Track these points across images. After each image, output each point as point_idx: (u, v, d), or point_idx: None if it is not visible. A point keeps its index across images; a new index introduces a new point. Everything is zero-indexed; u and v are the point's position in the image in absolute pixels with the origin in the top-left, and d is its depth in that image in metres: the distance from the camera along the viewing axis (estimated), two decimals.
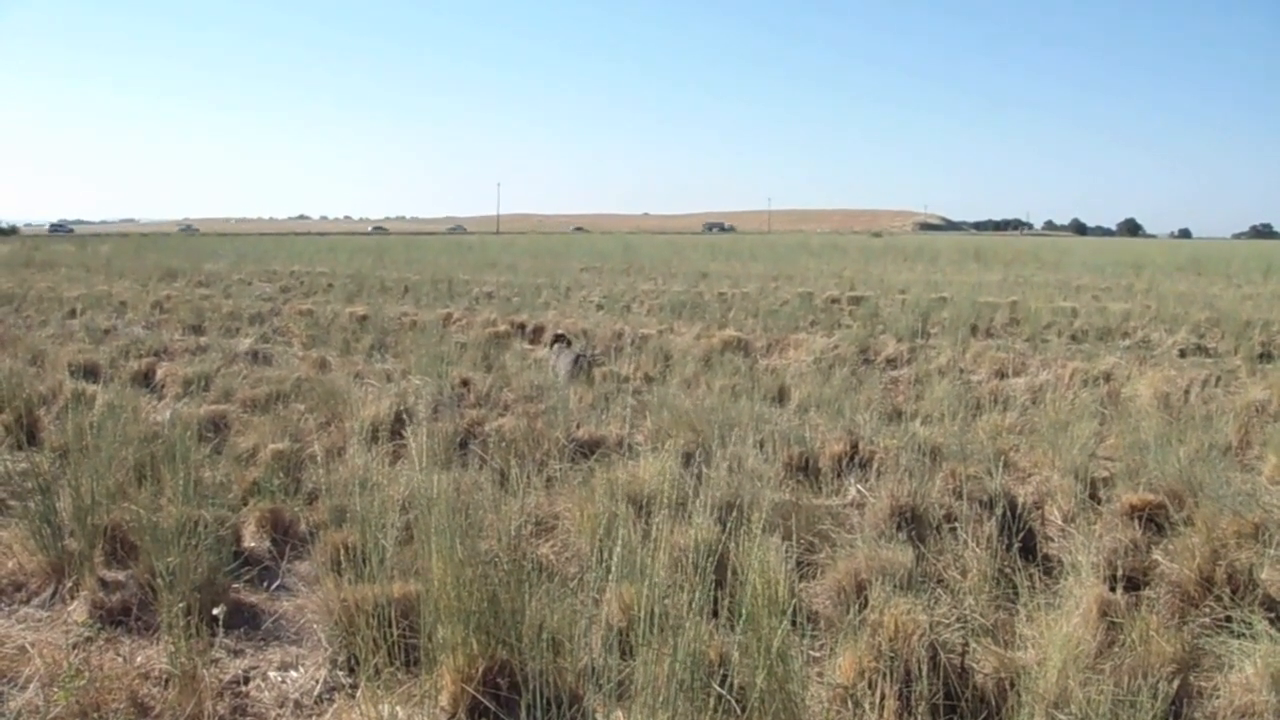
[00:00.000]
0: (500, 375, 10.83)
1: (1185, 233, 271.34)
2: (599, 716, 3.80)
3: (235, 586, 5.28)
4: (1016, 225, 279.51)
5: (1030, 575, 5.03)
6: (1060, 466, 7.06)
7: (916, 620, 4.31)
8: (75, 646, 4.55)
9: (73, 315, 18.00)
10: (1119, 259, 45.43)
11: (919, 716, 3.92)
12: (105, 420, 6.84)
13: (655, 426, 8.15)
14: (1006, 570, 5.12)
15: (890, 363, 13.35)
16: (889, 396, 10.58)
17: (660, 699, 3.42)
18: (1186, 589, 5.20)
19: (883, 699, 3.83)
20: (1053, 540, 6.12)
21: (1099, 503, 6.52)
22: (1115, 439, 8.11)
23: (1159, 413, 9.15)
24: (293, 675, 4.46)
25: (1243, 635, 4.57)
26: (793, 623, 4.10)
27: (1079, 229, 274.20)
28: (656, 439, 7.75)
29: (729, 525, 4.84)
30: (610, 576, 4.34)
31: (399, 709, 3.90)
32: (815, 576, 5.48)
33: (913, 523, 6.00)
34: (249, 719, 4.12)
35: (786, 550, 5.30)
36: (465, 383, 10.39)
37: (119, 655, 4.48)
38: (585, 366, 10.99)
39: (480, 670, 4.01)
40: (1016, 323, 17.47)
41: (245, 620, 5.03)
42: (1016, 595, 4.81)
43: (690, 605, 3.65)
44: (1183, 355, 13.99)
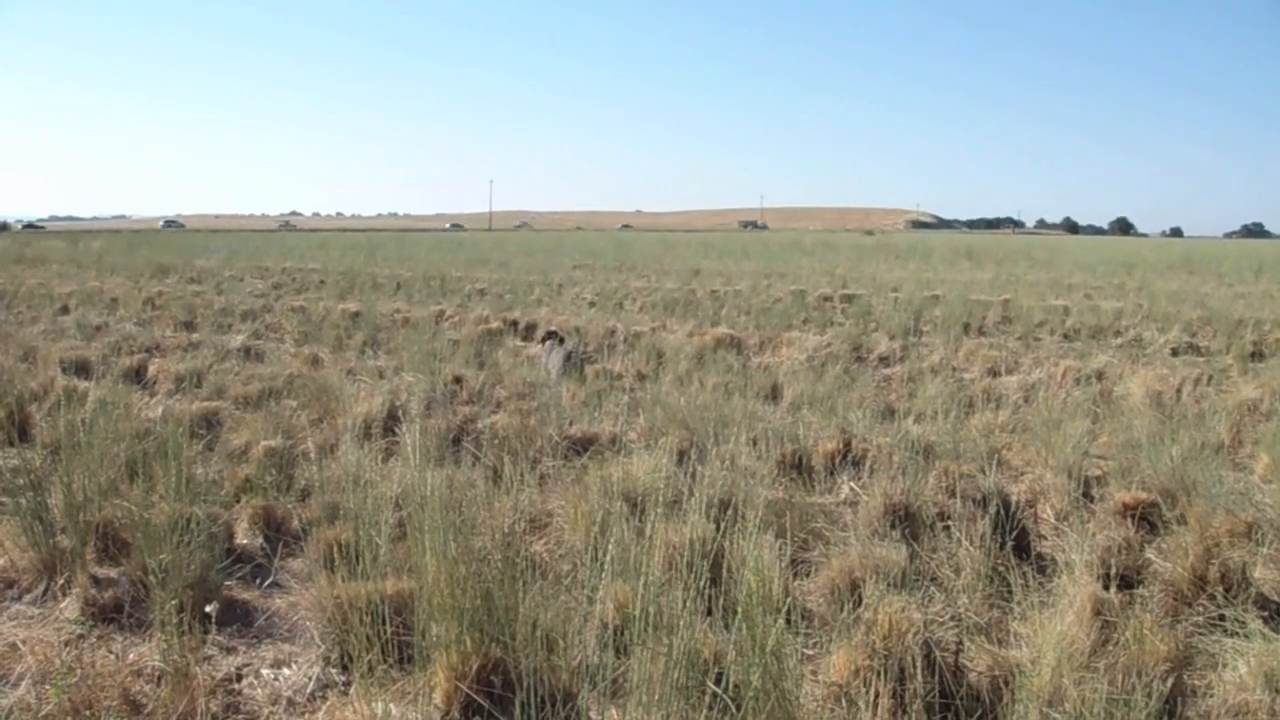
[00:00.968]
0: (493, 372, 10.81)
1: (1177, 231, 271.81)
2: (593, 715, 3.80)
3: (228, 584, 5.26)
4: (1009, 224, 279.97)
5: (1024, 573, 5.04)
6: (1053, 465, 7.07)
7: (910, 618, 4.31)
8: (67, 644, 4.54)
9: (64, 312, 17.95)
10: (1111, 257, 45.51)
11: (913, 715, 3.92)
12: (97, 417, 6.81)
13: (648, 424, 8.15)
14: (1000, 568, 5.12)
15: (883, 361, 13.35)
16: (882, 394, 10.59)
17: (655, 697, 3.41)
18: (1180, 587, 5.21)
19: (877, 697, 3.83)
20: (1046, 538, 6.12)
21: (1092, 501, 6.53)
22: (1108, 437, 8.12)
23: (1151, 411, 9.17)
24: (285, 673, 4.45)
25: (1236, 634, 4.57)
26: (787, 621, 4.10)
27: (1071, 227, 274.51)
28: (650, 436, 7.75)
29: (723, 523, 4.84)
30: (604, 574, 4.33)
31: (392, 707, 3.89)
32: (809, 574, 5.48)
33: (906, 521, 6.00)
34: (242, 716, 4.11)
35: (780, 548, 5.31)
36: (458, 380, 10.38)
37: (111, 652, 4.46)
38: (578, 363, 10.99)
39: (474, 668, 4.00)
40: (1009, 321, 17.49)
41: (238, 617, 5.01)
42: (1010, 594, 4.81)
43: (684, 603, 3.65)
44: (1175, 354, 14.02)
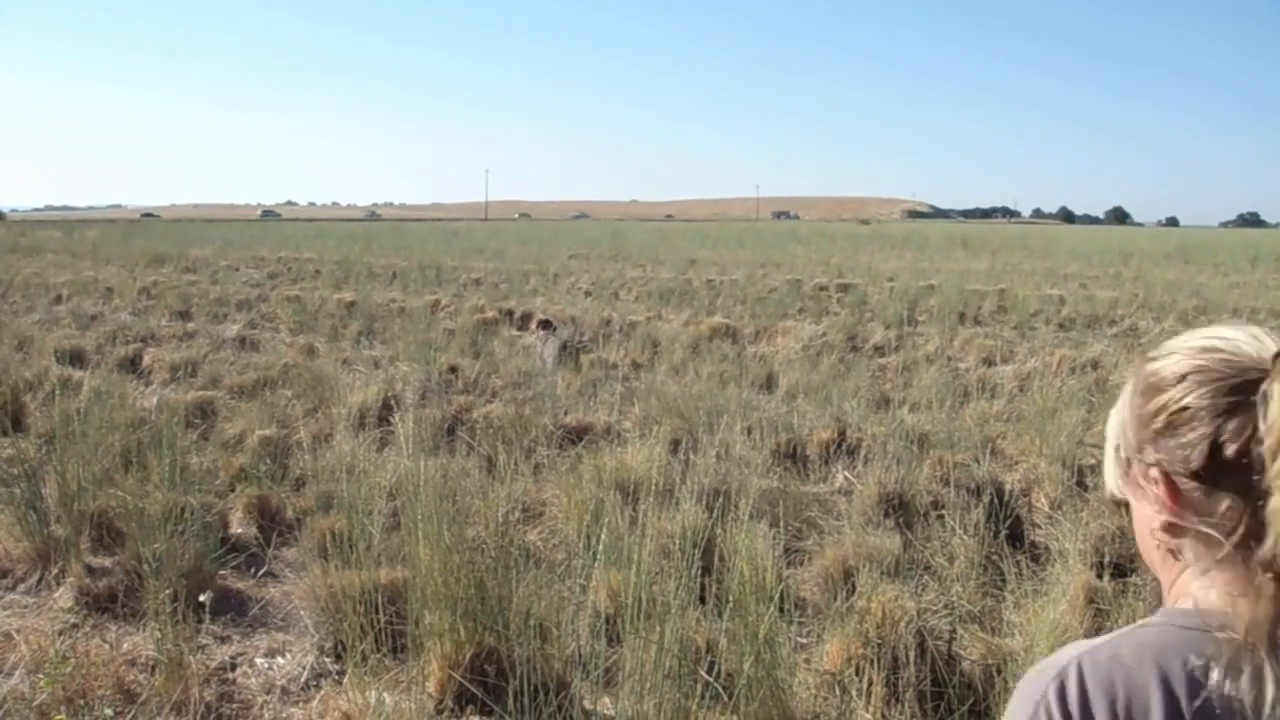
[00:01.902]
0: (488, 362, 10.81)
1: (1173, 221, 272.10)
2: (586, 703, 3.80)
3: (222, 573, 5.26)
4: (1004, 213, 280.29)
5: (1017, 562, 5.04)
6: (1048, 454, 7.08)
7: (904, 607, 4.32)
8: (61, 633, 4.54)
9: (59, 301, 17.91)
10: (1106, 247, 45.53)
11: (906, 703, 3.93)
12: (92, 406, 6.81)
13: (643, 413, 8.15)
14: (994, 557, 5.13)
15: (878, 350, 13.35)
16: (877, 384, 10.58)
17: (647, 685, 3.42)
18: None
19: (870, 685, 3.84)
20: (1040, 527, 6.13)
21: (1086, 490, 6.53)
22: (1102, 426, 8.11)
23: None
24: (280, 662, 4.45)
25: None
26: (780, 609, 4.10)
27: (1067, 217, 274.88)
28: (644, 426, 7.75)
29: (717, 512, 4.84)
30: (597, 563, 4.34)
31: (386, 695, 3.89)
32: (803, 563, 5.48)
33: (900, 510, 6.01)
34: (236, 705, 4.11)
35: (774, 537, 5.31)
36: (453, 369, 10.38)
37: (105, 642, 4.46)
38: (573, 353, 10.98)
39: (467, 657, 4.01)
40: (1004, 310, 17.51)
41: (232, 607, 5.02)
42: (1004, 582, 4.81)
43: (677, 592, 3.65)
44: None
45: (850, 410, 8.27)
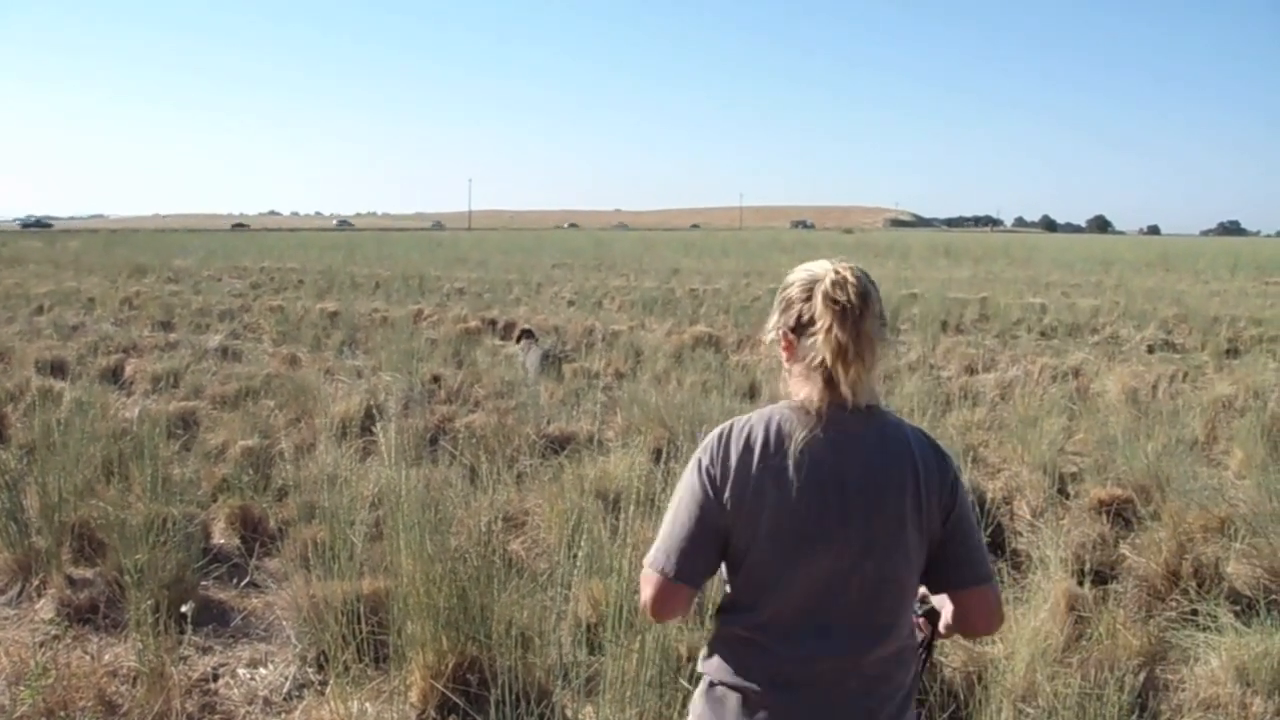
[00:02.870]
0: (471, 371, 10.81)
1: (1154, 229, 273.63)
2: (568, 712, 3.80)
3: (204, 584, 5.25)
4: (987, 222, 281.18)
5: (999, 570, 5.07)
6: (1029, 462, 7.12)
7: None
8: (42, 644, 4.52)
9: (40, 312, 17.82)
10: (1088, 255, 45.77)
11: None
12: (73, 417, 6.78)
13: (625, 422, 8.16)
14: None
15: None
16: None
17: (629, 694, 3.43)
18: (1153, 583, 5.25)
19: None
20: (1021, 535, 6.15)
21: (1067, 497, 6.57)
22: (1084, 434, 8.17)
23: (1127, 408, 9.23)
24: (262, 672, 4.44)
25: (1208, 629, 4.62)
26: None
27: (1049, 225, 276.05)
28: (627, 435, 7.76)
29: None
30: (579, 572, 4.34)
31: (368, 705, 3.89)
32: None
33: None
34: (218, 716, 4.10)
35: None
36: (436, 379, 10.38)
37: (86, 653, 4.45)
38: (555, 362, 10.98)
39: (450, 666, 4.01)
40: (986, 319, 17.58)
41: (214, 617, 5.00)
42: None
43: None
44: (1151, 351, 14.12)
45: None
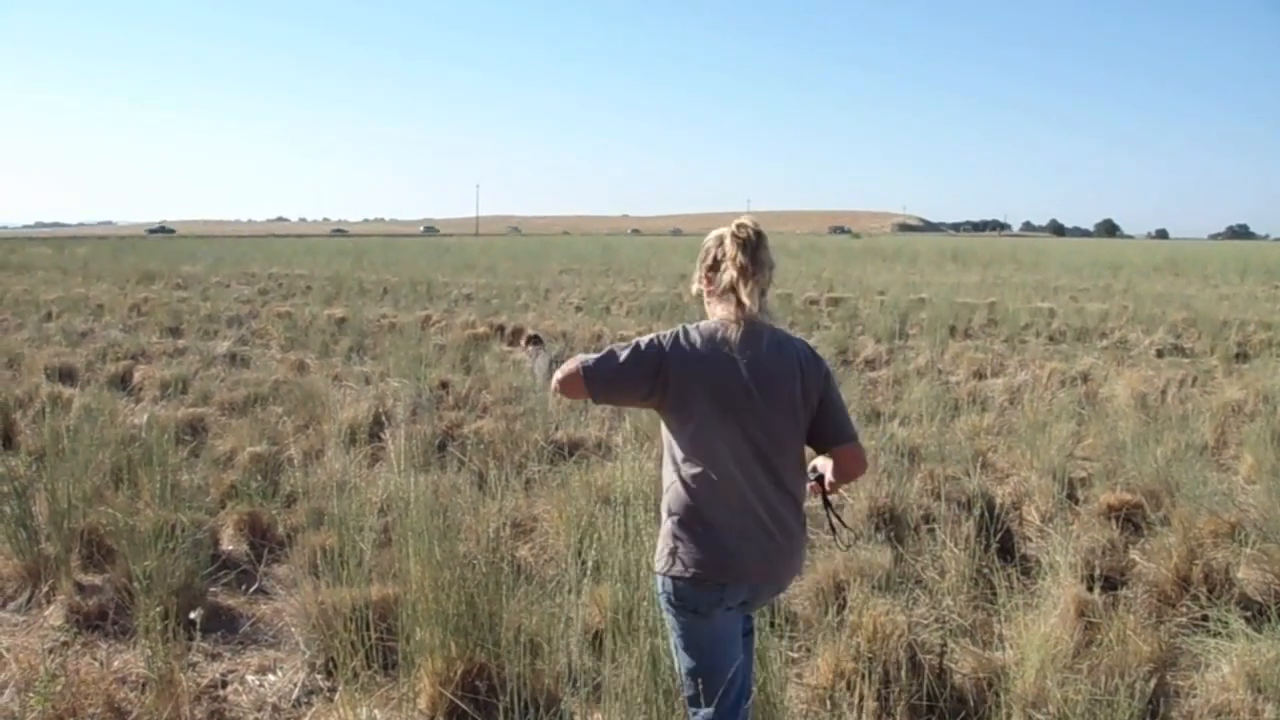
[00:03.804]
0: (479, 377, 10.81)
1: (1163, 233, 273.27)
2: (577, 718, 3.80)
3: (213, 590, 5.25)
4: (995, 226, 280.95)
5: (1008, 575, 5.05)
6: (1038, 467, 7.10)
7: (895, 621, 4.33)
8: (51, 651, 4.52)
9: (49, 318, 17.85)
10: (1097, 260, 45.68)
11: (897, 717, 3.94)
12: (82, 423, 6.80)
13: (634, 428, 8.15)
14: (985, 570, 5.13)
15: (869, 364, 13.37)
16: (868, 397, 10.60)
17: (638, 700, 3.42)
18: (1164, 588, 5.23)
19: (861, 700, 3.84)
20: (1031, 540, 6.14)
21: (1077, 503, 6.56)
22: (1093, 439, 8.15)
23: (1136, 413, 9.20)
24: (270, 679, 4.44)
25: (1219, 634, 4.60)
26: (771, 624, 4.11)
27: (1057, 230, 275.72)
28: (635, 441, 7.74)
29: None
30: (587, 578, 4.34)
31: (377, 712, 3.89)
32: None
33: (891, 523, 6.02)
34: None
35: None
36: (444, 385, 10.38)
37: (96, 659, 4.45)
38: None
39: (458, 673, 4.01)
40: (995, 323, 17.54)
41: (223, 624, 5.01)
42: (995, 595, 4.83)
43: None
44: (1160, 355, 14.07)
45: None
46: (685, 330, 2.95)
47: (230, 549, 5.96)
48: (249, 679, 4.45)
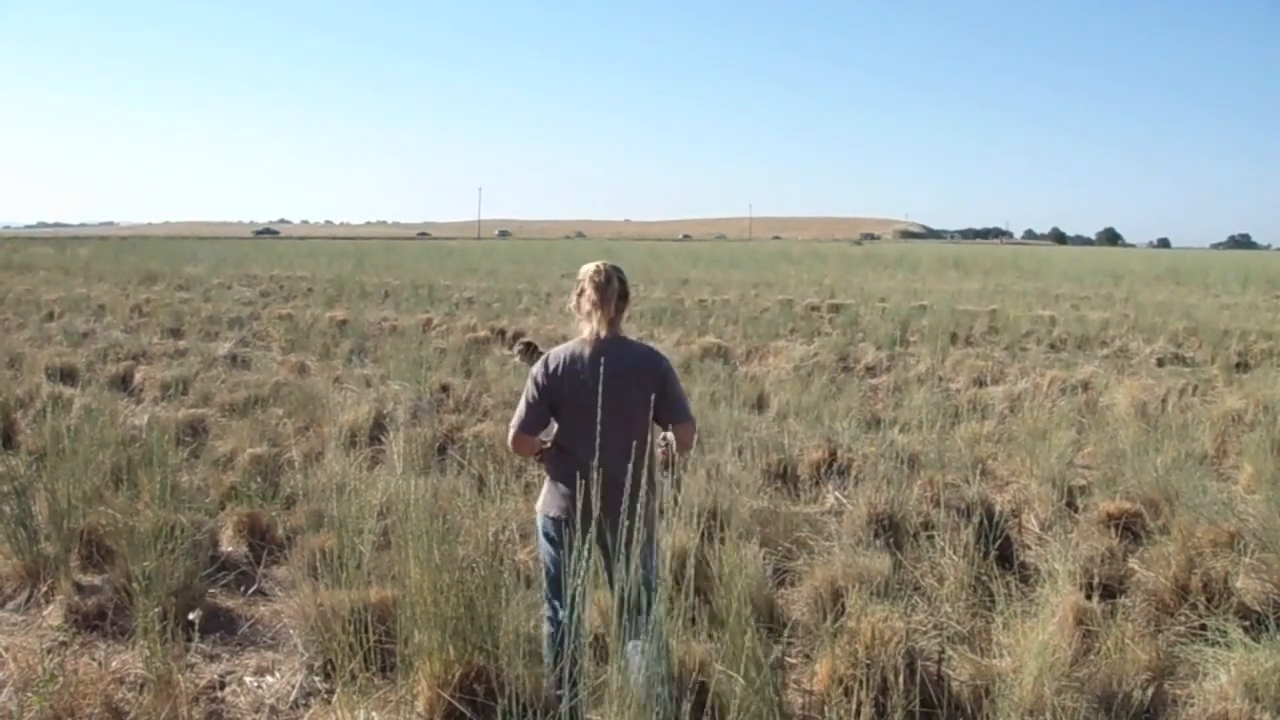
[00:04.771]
0: (480, 380, 10.81)
1: (1164, 242, 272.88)
2: None
3: (212, 591, 5.26)
4: (997, 234, 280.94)
5: (1007, 583, 5.06)
6: (1038, 475, 7.10)
7: (893, 627, 4.33)
8: (50, 651, 4.52)
9: (51, 318, 17.87)
10: (1098, 268, 45.68)
11: None
12: (82, 424, 6.81)
13: None
14: (983, 578, 5.13)
15: (869, 370, 13.38)
16: (868, 404, 10.61)
17: (636, 705, 3.41)
18: (1162, 597, 5.23)
19: (859, 706, 3.83)
20: (1030, 548, 6.15)
21: (1076, 511, 6.55)
22: (1093, 447, 8.15)
23: (1136, 421, 9.20)
24: (269, 680, 4.45)
25: (1217, 643, 4.60)
26: (770, 629, 4.11)
27: (1059, 238, 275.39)
28: None
29: (708, 532, 4.85)
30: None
31: (375, 715, 3.89)
32: (793, 583, 5.49)
33: (890, 530, 6.02)
34: None
35: (764, 557, 5.32)
36: (444, 388, 10.38)
37: (94, 660, 4.46)
38: None
39: (457, 676, 4.00)
40: (995, 331, 17.55)
41: (222, 625, 5.01)
42: (993, 603, 4.82)
43: (669, 612, 3.65)
44: (1160, 364, 14.07)
45: (841, 431, 8.29)
46: (545, 361, 4.08)
47: (229, 550, 5.96)
48: (247, 680, 4.46)
